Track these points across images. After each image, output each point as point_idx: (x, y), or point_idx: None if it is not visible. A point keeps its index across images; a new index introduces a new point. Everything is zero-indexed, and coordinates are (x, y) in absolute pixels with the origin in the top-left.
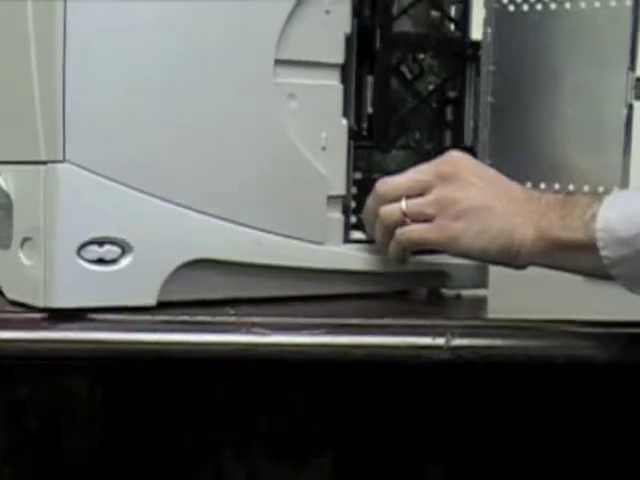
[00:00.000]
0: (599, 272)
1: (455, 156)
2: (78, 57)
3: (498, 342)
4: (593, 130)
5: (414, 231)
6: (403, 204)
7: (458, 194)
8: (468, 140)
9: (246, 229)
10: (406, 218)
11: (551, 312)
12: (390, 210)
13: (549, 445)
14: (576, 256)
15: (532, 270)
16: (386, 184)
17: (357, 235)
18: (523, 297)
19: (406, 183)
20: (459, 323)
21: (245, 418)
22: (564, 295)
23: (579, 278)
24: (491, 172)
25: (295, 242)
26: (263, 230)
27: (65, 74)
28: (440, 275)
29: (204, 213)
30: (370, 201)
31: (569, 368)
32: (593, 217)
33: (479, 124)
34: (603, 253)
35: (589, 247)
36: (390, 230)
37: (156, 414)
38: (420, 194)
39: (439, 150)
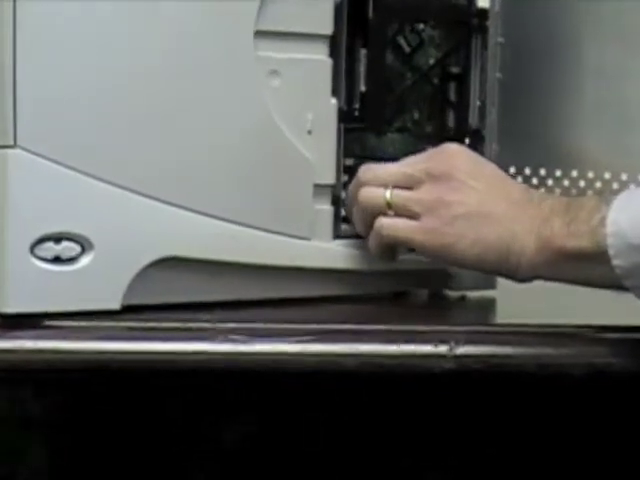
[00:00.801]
0: (611, 283)
1: (450, 151)
2: (30, 34)
3: (507, 350)
4: (614, 111)
5: (399, 229)
6: (388, 193)
7: (451, 197)
8: (473, 122)
9: (222, 223)
10: (389, 210)
11: (565, 316)
12: (371, 194)
13: (563, 460)
14: (584, 267)
15: None
16: (370, 171)
17: (349, 229)
18: (534, 300)
19: (393, 174)
20: (464, 329)
21: (224, 435)
22: (579, 297)
23: None
24: (489, 170)
25: (278, 237)
26: (242, 224)
27: (16, 49)
28: (443, 275)
29: (174, 205)
30: (351, 187)
31: (584, 378)
32: (602, 221)
33: (486, 103)
34: (615, 262)
35: (598, 256)
36: (370, 217)
37: (120, 431)
38: (408, 188)
39: (441, 133)
